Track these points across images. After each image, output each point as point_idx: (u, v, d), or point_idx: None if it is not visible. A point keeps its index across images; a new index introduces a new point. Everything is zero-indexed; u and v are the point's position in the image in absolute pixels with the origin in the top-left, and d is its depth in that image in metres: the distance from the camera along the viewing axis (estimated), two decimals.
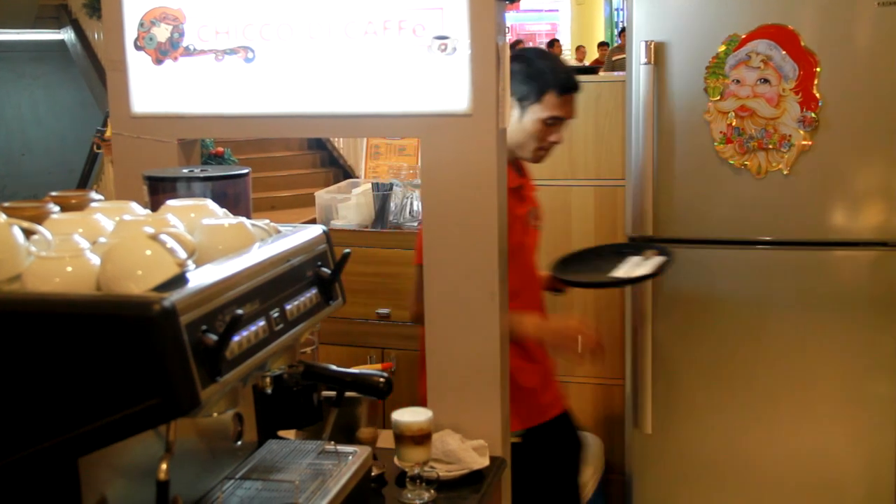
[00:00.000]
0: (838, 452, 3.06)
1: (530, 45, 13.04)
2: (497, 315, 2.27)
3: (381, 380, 1.73)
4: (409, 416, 1.91)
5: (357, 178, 7.52)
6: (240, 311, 1.31)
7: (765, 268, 2.98)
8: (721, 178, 2.96)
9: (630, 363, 3.16)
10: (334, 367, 1.76)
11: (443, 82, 2.18)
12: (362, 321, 3.60)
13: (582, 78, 3.45)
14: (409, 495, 1.91)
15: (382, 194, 3.72)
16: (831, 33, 2.85)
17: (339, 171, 9.16)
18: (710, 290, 3.04)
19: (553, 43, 11.98)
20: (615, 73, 3.87)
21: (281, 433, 1.95)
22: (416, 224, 3.73)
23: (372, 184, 3.80)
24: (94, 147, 6.97)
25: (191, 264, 1.35)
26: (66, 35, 10.14)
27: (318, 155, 9.32)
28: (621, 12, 15.10)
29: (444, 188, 2.24)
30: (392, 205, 3.73)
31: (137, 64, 2.33)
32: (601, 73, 3.72)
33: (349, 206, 3.77)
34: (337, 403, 1.80)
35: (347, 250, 1.73)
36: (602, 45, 12.42)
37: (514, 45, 2.42)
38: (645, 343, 3.06)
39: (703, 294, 3.05)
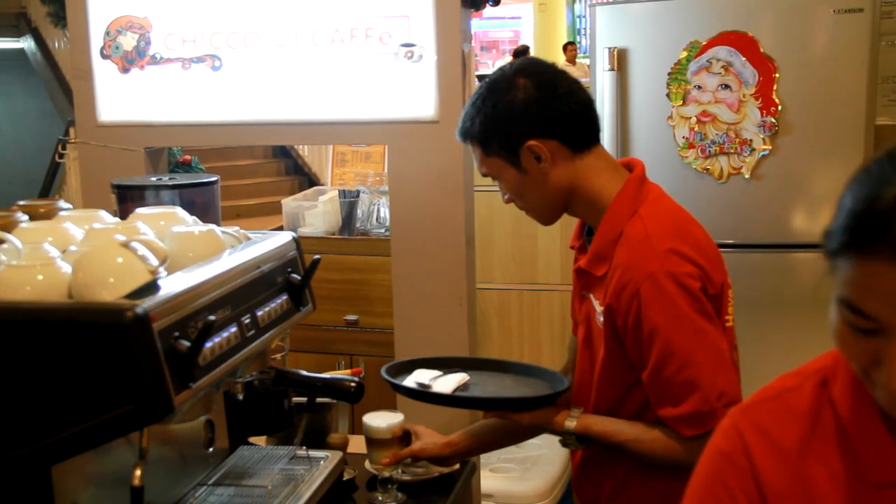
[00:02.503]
0: None
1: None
2: (465, 319, 2.29)
3: (353, 384, 1.74)
4: (380, 420, 1.93)
5: (323, 185, 7.53)
6: (212, 318, 1.32)
7: (732, 271, 3.02)
8: (684, 182, 3.00)
9: None
10: (305, 373, 1.77)
11: (409, 89, 2.21)
12: (330, 328, 3.60)
13: None
14: (380, 498, 1.92)
15: (349, 201, 3.73)
16: (789, 40, 2.90)
17: (304, 178, 9.14)
18: None
19: (526, 50, 12.03)
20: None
21: (251, 439, 1.96)
22: (383, 230, 3.74)
23: (339, 191, 3.81)
24: (57, 156, 6.90)
25: (163, 271, 1.36)
26: (26, 44, 10.04)
27: (283, 163, 9.29)
28: (584, 19, 15.21)
29: (411, 194, 2.26)
30: (359, 212, 3.74)
31: (104, 72, 2.33)
32: None
33: (316, 213, 3.78)
34: (308, 409, 1.81)
35: (317, 256, 1.74)
36: (569, 45, 12.38)
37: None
38: None
39: None
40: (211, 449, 1.77)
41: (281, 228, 3.80)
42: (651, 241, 1.54)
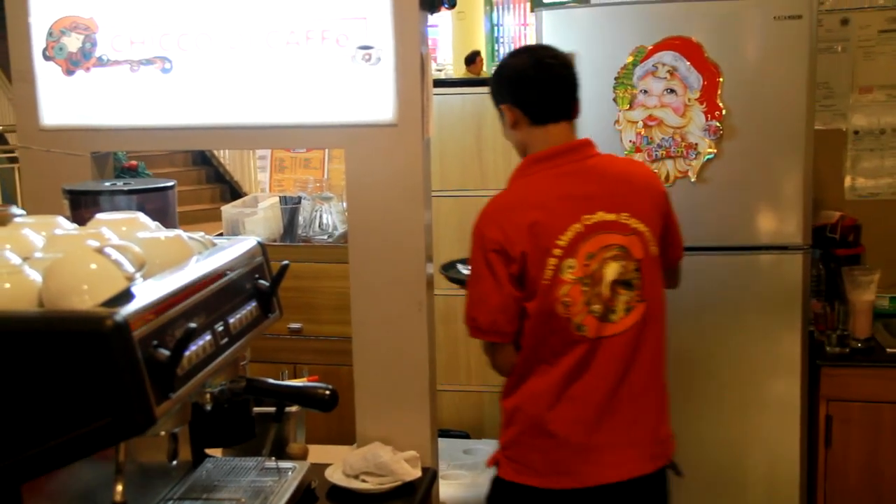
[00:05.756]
0: (741, 452, 3.14)
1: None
2: (425, 325, 2.27)
3: (327, 392, 1.70)
4: None
5: (245, 193, 7.40)
6: (193, 325, 1.28)
7: None
8: None
9: None
10: (275, 381, 1.73)
11: (367, 92, 2.18)
12: (273, 336, 3.54)
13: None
14: None
15: (290, 208, 3.68)
16: (731, 45, 2.95)
17: (226, 186, 9.00)
18: None
19: (477, 54, 11.94)
20: None
21: (208, 451, 1.90)
22: (326, 237, 3.69)
23: (279, 197, 3.75)
24: None
25: (139, 278, 1.31)
26: None
27: (204, 171, 9.13)
28: (501, 28, 15.31)
29: (369, 199, 2.23)
30: (300, 218, 3.69)
31: (47, 75, 2.24)
32: None
33: (256, 220, 3.71)
34: (277, 418, 1.77)
35: (286, 262, 1.71)
36: (474, 55, 12.16)
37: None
38: None
39: None
40: (175, 462, 1.71)
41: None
42: (483, 210, 2.17)
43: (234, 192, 8.71)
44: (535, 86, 2.15)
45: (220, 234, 3.79)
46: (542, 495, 2.13)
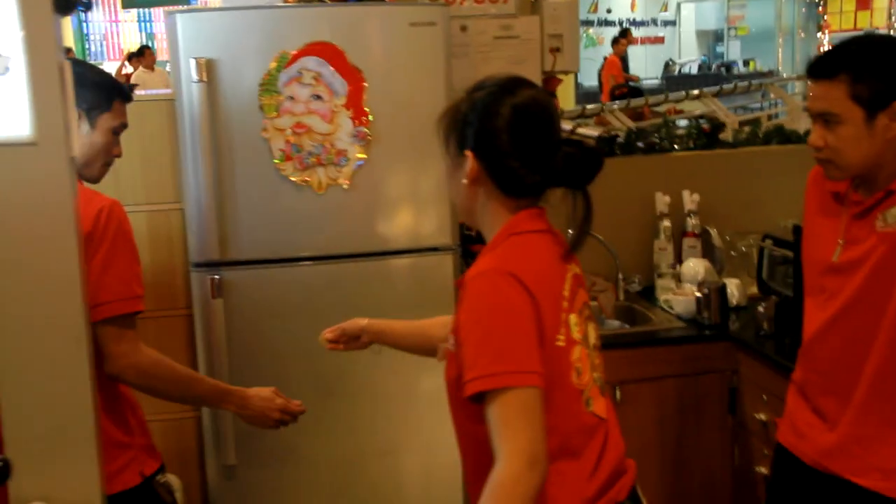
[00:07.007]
0: (405, 454, 3.22)
1: None
2: (84, 363, 2.03)
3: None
4: None
5: None
6: None
7: (334, 281, 3.03)
8: (284, 195, 2.95)
9: None
10: None
11: None
12: None
13: None
14: None
15: None
16: (372, 51, 2.97)
17: None
18: (280, 308, 3.02)
19: (143, 50, 11.01)
20: (158, 92, 3.67)
21: None
22: None
23: None
24: None
25: None
26: None
27: None
28: (90, 24, 14.49)
29: (8, 228, 1.94)
30: None
31: None
32: (140, 92, 3.49)
33: None
34: None
35: None
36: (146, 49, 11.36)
37: None
38: (222, 370, 2.95)
39: (273, 313, 3.02)
40: None
41: None
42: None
43: None
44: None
45: None
46: None
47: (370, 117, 2.95)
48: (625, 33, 13.80)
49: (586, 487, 1.73)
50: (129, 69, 10.77)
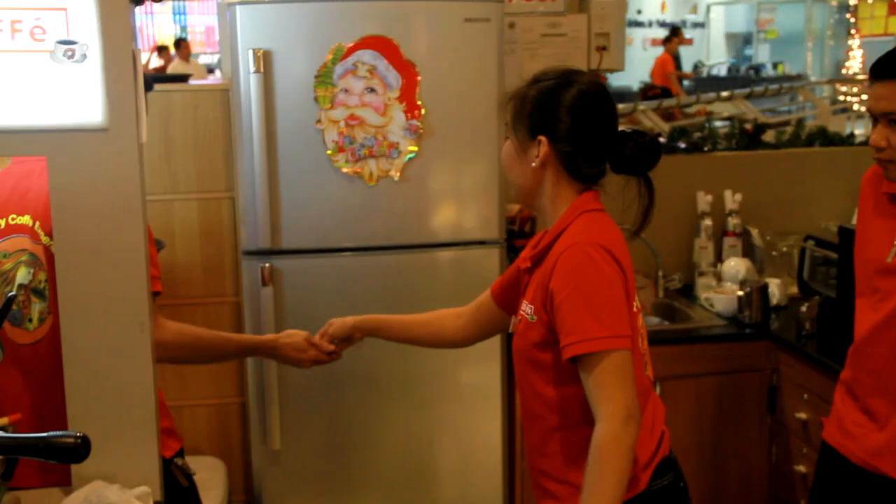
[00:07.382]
0: (443, 442, 3.24)
1: None
2: (147, 346, 2.08)
3: (77, 439, 1.48)
4: None
5: None
6: None
7: (381, 272, 3.07)
8: (336, 186, 2.99)
9: (253, 379, 3.07)
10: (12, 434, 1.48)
11: (72, 93, 1.93)
12: None
13: (180, 87, 3.30)
14: None
15: None
16: (426, 45, 3.00)
17: None
18: (329, 297, 3.06)
19: (180, 42, 11.15)
20: (213, 82, 3.72)
21: None
22: None
23: None
24: None
25: None
26: None
27: None
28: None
29: (79, 212, 1.99)
30: None
31: None
32: (195, 82, 3.54)
33: None
34: (7, 476, 1.51)
35: (12, 293, 1.47)
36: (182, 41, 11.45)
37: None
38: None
39: (321, 301, 3.06)
40: None
41: None
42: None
43: None
44: None
45: None
46: None
47: (423, 111, 2.98)
48: (676, 32, 13.78)
49: (650, 441, 1.94)
50: (157, 62, 10.89)
